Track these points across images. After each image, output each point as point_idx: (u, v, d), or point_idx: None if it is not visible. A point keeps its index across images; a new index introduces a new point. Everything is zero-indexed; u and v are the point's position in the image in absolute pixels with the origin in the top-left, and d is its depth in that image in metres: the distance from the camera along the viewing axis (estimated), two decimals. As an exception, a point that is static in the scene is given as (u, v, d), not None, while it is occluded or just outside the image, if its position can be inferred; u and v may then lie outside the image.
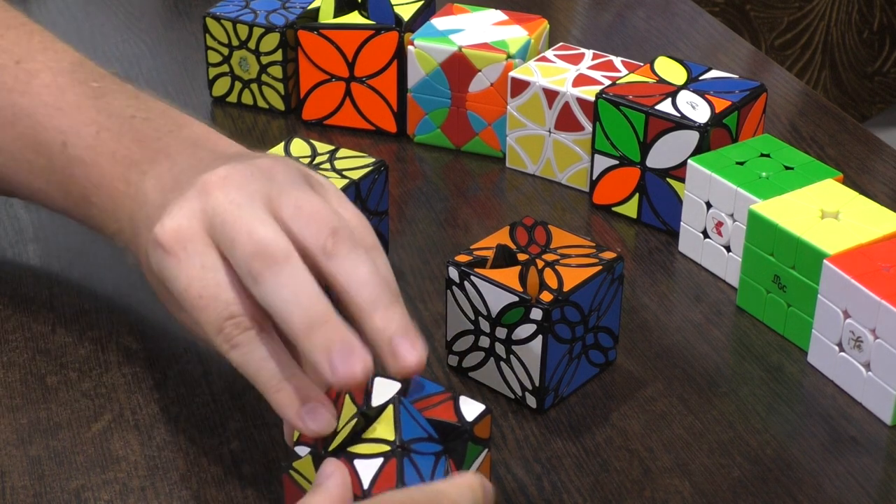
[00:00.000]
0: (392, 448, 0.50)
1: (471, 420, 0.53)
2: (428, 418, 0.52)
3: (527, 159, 0.84)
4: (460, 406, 0.53)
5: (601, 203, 0.81)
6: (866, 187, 0.84)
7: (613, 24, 1.11)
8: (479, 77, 0.84)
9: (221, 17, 0.90)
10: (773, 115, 0.92)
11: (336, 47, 0.87)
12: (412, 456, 0.50)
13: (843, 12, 2.13)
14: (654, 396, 0.65)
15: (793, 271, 0.67)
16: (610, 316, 0.65)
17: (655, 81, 0.79)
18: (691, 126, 0.75)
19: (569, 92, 0.80)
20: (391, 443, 0.50)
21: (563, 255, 0.64)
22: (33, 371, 0.65)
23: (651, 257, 0.77)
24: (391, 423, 0.51)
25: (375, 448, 0.51)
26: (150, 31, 1.05)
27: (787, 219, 0.68)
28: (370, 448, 0.51)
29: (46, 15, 1.08)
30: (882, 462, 0.61)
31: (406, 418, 0.51)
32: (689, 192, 0.75)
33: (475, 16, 0.88)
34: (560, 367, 0.63)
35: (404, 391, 0.53)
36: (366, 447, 0.51)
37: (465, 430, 0.52)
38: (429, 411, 0.53)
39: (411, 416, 0.52)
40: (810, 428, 0.63)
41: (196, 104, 0.93)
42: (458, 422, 0.52)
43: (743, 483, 0.59)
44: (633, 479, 0.59)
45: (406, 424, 0.51)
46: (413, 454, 0.50)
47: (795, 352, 0.68)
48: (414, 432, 0.51)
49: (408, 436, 0.51)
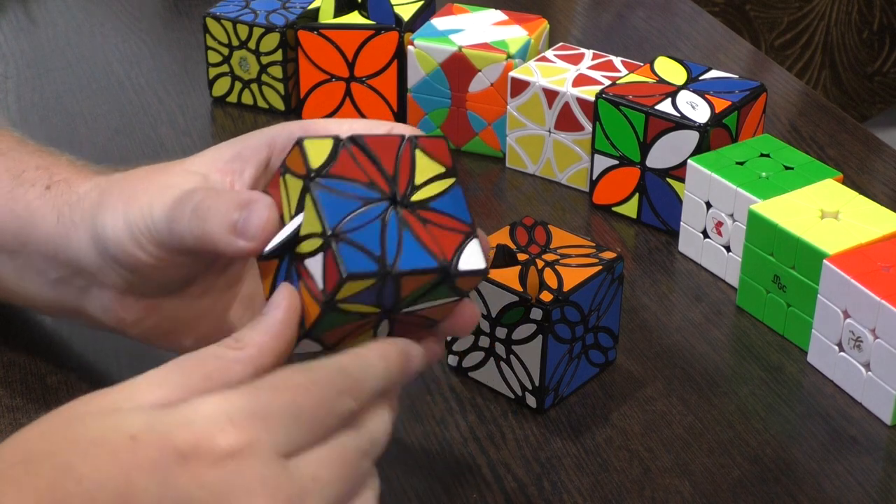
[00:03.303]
0: (323, 239, 0.48)
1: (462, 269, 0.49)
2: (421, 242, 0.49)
3: (527, 159, 0.84)
4: (463, 249, 0.49)
5: (601, 203, 0.81)
6: (866, 187, 0.84)
7: (613, 24, 1.11)
8: (479, 77, 0.84)
9: (221, 17, 0.90)
10: (773, 115, 0.92)
11: (336, 47, 0.87)
12: (349, 237, 0.47)
13: (843, 12, 2.13)
14: (654, 396, 0.65)
15: (793, 271, 0.67)
16: (610, 316, 0.65)
17: (655, 81, 0.79)
18: (691, 126, 0.75)
19: (569, 92, 0.80)
20: (321, 234, 0.48)
21: (563, 255, 0.64)
22: (33, 371, 0.65)
23: (651, 257, 0.77)
24: (314, 213, 0.48)
25: (313, 244, 0.48)
26: (150, 31, 1.05)
27: (787, 219, 0.68)
28: (309, 245, 0.48)
29: (46, 15, 1.08)
30: (882, 462, 0.61)
31: (328, 200, 0.48)
32: (689, 192, 0.75)
33: (475, 16, 0.88)
34: (560, 367, 0.63)
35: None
36: (305, 245, 0.49)
37: (448, 272, 0.49)
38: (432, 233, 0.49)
39: (336, 193, 0.48)
40: (810, 428, 0.63)
41: (196, 104, 0.93)
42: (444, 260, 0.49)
43: (743, 483, 0.59)
44: (633, 479, 0.59)
45: (329, 208, 0.48)
46: (350, 234, 0.47)
47: (795, 352, 0.68)
48: (342, 210, 0.48)
49: (333, 220, 0.47)
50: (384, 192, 0.49)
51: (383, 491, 0.58)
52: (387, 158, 0.50)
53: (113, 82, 0.97)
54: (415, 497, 0.58)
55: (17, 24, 1.06)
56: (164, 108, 0.93)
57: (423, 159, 0.51)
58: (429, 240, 0.49)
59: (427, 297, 0.50)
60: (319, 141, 0.49)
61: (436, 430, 0.62)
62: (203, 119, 0.92)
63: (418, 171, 0.51)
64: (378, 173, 0.50)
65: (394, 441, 0.61)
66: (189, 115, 0.92)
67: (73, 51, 1.02)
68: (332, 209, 0.48)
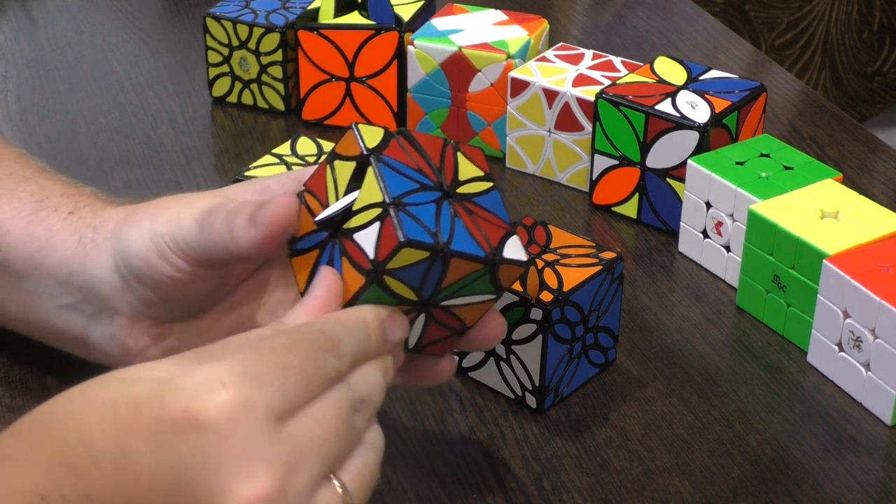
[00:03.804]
0: (383, 208, 0.49)
1: (507, 257, 0.50)
2: (470, 231, 0.50)
3: (527, 159, 0.84)
4: (506, 241, 0.51)
5: (601, 203, 0.81)
6: (866, 187, 0.84)
7: (613, 24, 1.11)
8: (479, 77, 0.84)
9: (221, 17, 0.90)
10: (772, 115, 0.92)
11: (336, 47, 0.87)
12: (408, 209, 0.48)
13: (843, 12, 2.13)
14: (653, 396, 0.65)
15: (792, 271, 0.67)
16: (610, 316, 0.65)
17: (655, 81, 0.79)
18: (691, 126, 0.75)
19: (569, 92, 0.80)
20: (380, 203, 0.49)
21: (563, 255, 0.64)
22: (33, 371, 0.65)
23: (651, 257, 0.77)
24: (375, 185, 0.49)
25: (368, 215, 0.49)
26: (150, 32, 1.05)
27: (787, 219, 0.68)
28: (363, 217, 0.49)
29: (46, 15, 1.08)
30: (882, 462, 0.61)
31: (389, 174, 0.49)
32: (688, 192, 0.75)
33: (475, 16, 0.88)
34: (560, 366, 0.63)
35: None
36: (359, 218, 0.50)
37: (494, 260, 0.50)
38: (478, 224, 0.51)
39: (394, 170, 0.50)
40: (810, 428, 0.63)
41: (196, 104, 0.93)
42: (492, 249, 0.50)
43: (743, 483, 0.59)
44: (633, 478, 0.59)
45: (391, 180, 0.49)
46: (409, 207, 0.48)
47: (795, 351, 0.68)
48: (402, 186, 0.49)
49: (396, 191, 0.49)
50: (434, 181, 0.51)
51: (383, 491, 0.58)
52: (433, 153, 0.52)
53: (113, 82, 0.97)
54: (415, 497, 0.58)
55: (17, 24, 1.06)
56: (164, 108, 0.93)
57: (464, 161, 0.53)
58: (476, 231, 0.50)
59: (466, 290, 0.51)
60: (371, 128, 0.51)
61: (436, 430, 0.62)
62: (203, 119, 0.92)
63: (461, 170, 0.52)
64: (426, 164, 0.51)
65: (394, 441, 0.61)
66: (189, 115, 0.92)
67: (73, 51, 1.02)
68: (393, 182, 0.49)
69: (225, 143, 0.89)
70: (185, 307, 0.57)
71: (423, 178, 0.50)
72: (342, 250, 0.51)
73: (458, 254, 0.49)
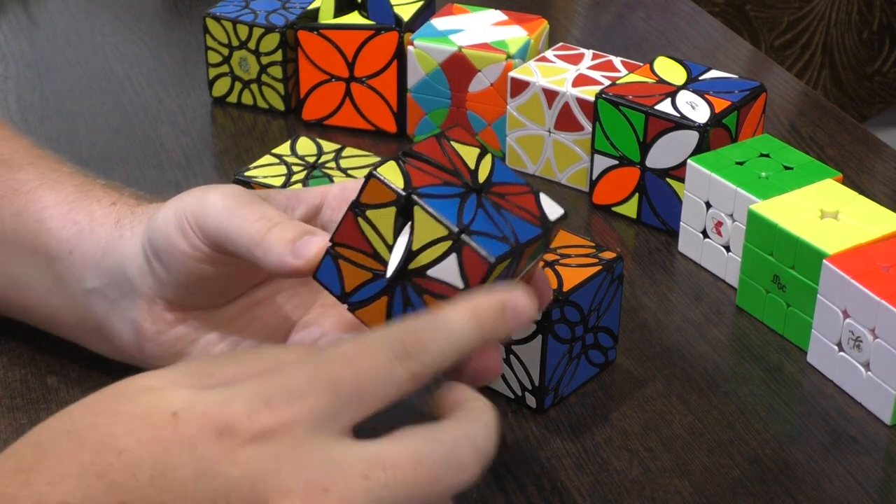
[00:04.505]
0: (453, 240, 0.49)
1: (553, 219, 0.51)
2: (516, 215, 0.51)
3: (526, 159, 0.84)
4: (541, 205, 0.52)
5: (601, 203, 0.81)
6: (866, 187, 0.84)
7: (613, 25, 1.11)
8: (478, 77, 0.84)
9: (221, 18, 0.90)
10: (772, 115, 0.92)
11: (336, 47, 0.87)
12: (471, 228, 0.49)
13: (842, 12, 2.13)
14: (653, 396, 0.65)
15: (792, 271, 0.67)
16: (610, 316, 0.65)
17: (655, 81, 0.79)
18: (691, 126, 0.75)
19: (568, 92, 0.80)
20: (448, 236, 0.49)
21: (563, 255, 0.64)
22: (33, 371, 0.65)
23: (651, 257, 0.77)
24: (430, 221, 0.49)
25: (437, 250, 0.49)
26: (150, 32, 1.05)
27: (787, 219, 0.68)
28: (431, 254, 0.49)
29: (47, 16, 1.08)
30: (882, 462, 0.61)
31: (435, 204, 0.50)
32: (688, 192, 0.75)
33: (475, 16, 0.88)
34: (560, 366, 0.63)
35: None
36: (425, 256, 0.49)
37: (548, 228, 0.51)
38: (514, 203, 0.51)
39: (435, 197, 0.50)
40: (810, 428, 0.63)
41: (196, 104, 0.93)
42: (543, 220, 0.51)
43: (743, 483, 0.59)
44: (632, 478, 0.59)
45: (442, 210, 0.49)
46: (471, 227, 0.49)
47: (795, 351, 0.68)
48: (451, 209, 0.49)
49: (454, 219, 0.49)
50: (461, 185, 0.51)
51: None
52: (442, 158, 0.52)
53: (113, 82, 0.97)
54: (415, 497, 0.58)
55: (17, 24, 1.06)
56: (164, 108, 0.93)
57: (461, 148, 0.53)
58: (518, 211, 0.51)
59: (530, 262, 0.53)
60: (385, 167, 0.51)
61: (436, 430, 0.62)
62: (203, 119, 0.92)
63: (466, 159, 0.53)
64: (443, 172, 0.51)
65: (394, 441, 0.61)
66: (189, 115, 0.92)
67: (73, 51, 1.02)
68: (445, 211, 0.50)
69: (225, 143, 0.89)
70: (202, 293, 0.57)
71: (453, 188, 0.51)
72: (418, 289, 0.50)
73: (526, 243, 0.50)
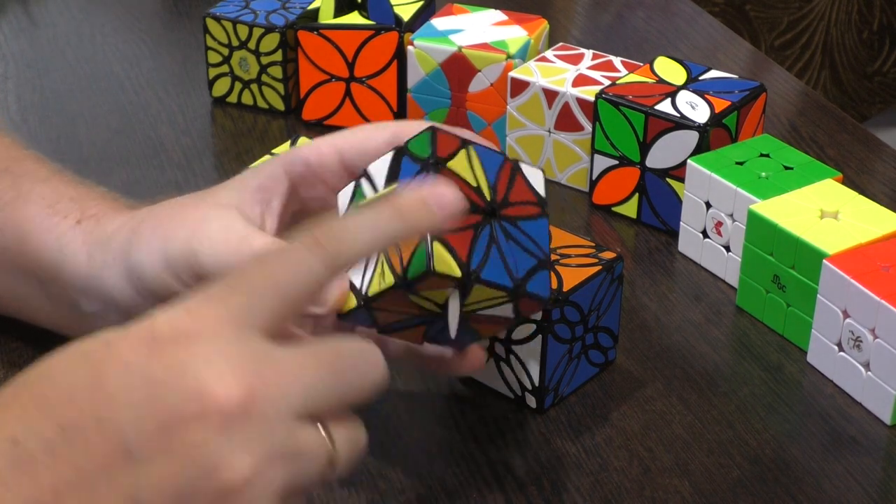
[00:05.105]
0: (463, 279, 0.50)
1: (530, 291, 0.53)
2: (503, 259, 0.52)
3: (527, 159, 0.84)
4: (535, 275, 0.53)
5: (601, 203, 0.81)
6: (866, 187, 0.84)
7: (613, 25, 1.11)
8: (478, 77, 0.84)
9: (221, 18, 0.90)
10: (772, 115, 0.92)
11: (336, 47, 0.87)
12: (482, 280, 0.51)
13: (842, 12, 2.13)
14: (653, 396, 0.65)
15: (792, 271, 0.67)
16: (609, 316, 0.65)
17: (655, 81, 0.79)
18: (691, 126, 0.75)
19: (568, 92, 0.80)
20: (459, 277, 0.50)
21: (563, 255, 0.64)
22: (33, 371, 0.65)
23: (651, 257, 0.77)
24: (450, 261, 0.50)
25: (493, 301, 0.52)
26: (151, 32, 1.05)
27: (787, 219, 0.68)
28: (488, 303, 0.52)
29: (46, 16, 1.08)
30: (882, 462, 0.61)
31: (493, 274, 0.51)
32: (688, 192, 0.75)
33: (475, 16, 0.88)
34: (560, 366, 0.63)
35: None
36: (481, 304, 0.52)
37: (517, 292, 0.52)
38: (513, 250, 0.53)
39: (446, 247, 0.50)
40: (810, 428, 0.63)
41: (196, 104, 0.93)
42: (516, 279, 0.52)
43: (742, 483, 0.59)
44: (632, 478, 0.59)
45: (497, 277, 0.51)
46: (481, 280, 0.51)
47: (795, 351, 0.68)
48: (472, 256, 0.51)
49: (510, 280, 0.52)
50: (486, 201, 0.52)
51: (383, 491, 0.58)
52: (491, 169, 0.53)
53: (113, 82, 0.97)
54: (415, 497, 0.58)
55: (17, 24, 1.06)
56: (164, 108, 0.93)
57: (520, 183, 0.54)
58: (509, 257, 0.52)
59: (489, 310, 0.53)
60: (449, 137, 0.52)
61: (436, 430, 0.62)
62: (203, 119, 0.92)
63: (514, 192, 0.53)
64: (484, 180, 0.52)
65: (394, 441, 0.61)
66: (189, 115, 0.92)
67: (73, 51, 1.02)
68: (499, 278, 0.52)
69: (225, 143, 0.89)
70: None
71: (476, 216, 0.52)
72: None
73: (485, 282, 0.51)
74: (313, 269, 0.45)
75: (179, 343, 0.42)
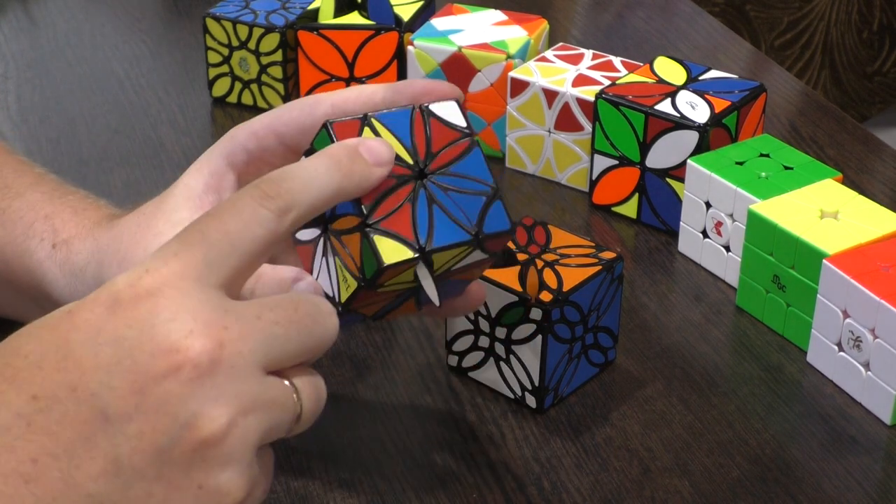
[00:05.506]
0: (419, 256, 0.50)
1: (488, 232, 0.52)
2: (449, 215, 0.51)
3: (526, 159, 0.84)
4: (487, 212, 0.52)
5: (601, 203, 0.81)
6: (866, 187, 0.84)
7: (613, 25, 1.11)
8: (478, 77, 0.84)
9: (221, 18, 0.90)
10: (772, 115, 0.92)
11: (336, 47, 0.87)
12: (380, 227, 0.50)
13: (843, 12, 2.13)
14: (653, 396, 0.65)
15: (792, 271, 0.67)
16: (609, 316, 0.65)
17: (655, 81, 0.79)
18: (691, 126, 0.75)
19: (568, 92, 0.80)
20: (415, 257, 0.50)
21: (563, 255, 0.64)
22: (33, 371, 0.65)
23: (651, 257, 0.77)
24: (398, 246, 0.50)
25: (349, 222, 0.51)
26: (151, 32, 1.05)
27: (787, 219, 0.68)
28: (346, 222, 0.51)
29: (47, 16, 1.08)
30: (882, 462, 0.61)
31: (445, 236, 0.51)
32: (688, 191, 0.75)
33: (475, 16, 0.88)
34: (560, 366, 0.63)
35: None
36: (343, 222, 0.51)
37: (478, 239, 0.51)
38: (456, 201, 0.52)
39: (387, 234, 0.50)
40: (810, 428, 0.63)
41: (196, 104, 0.93)
42: (472, 228, 0.51)
43: (742, 483, 0.59)
44: (632, 478, 0.60)
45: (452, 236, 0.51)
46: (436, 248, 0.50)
47: (795, 351, 0.68)
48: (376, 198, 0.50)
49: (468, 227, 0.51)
50: (409, 165, 0.51)
51: (384, 491, 0.58)
52: (403, 131, 0.52)
53: (113, 82, 0.97)
54: (415, 497, 0.58)
55: (17, 24, 1.06)
56: (164, 108, 0.93)
57: (437, 126, 0.53)
58: (455, 210, 0.51)
59: (461, 262, 0.53)
60: (346, 123, 0.51)
61: (436, 430, 0.62)
62: (203, 119, 0.92)
63: (434, 139, 0.52)
64: (401, 147, 0.52)
65: (394, 441, 0.61)
66: (189, 115, 0.92)
67: (73, 51, 1.02)
68: (454, 236, 0.51)
69: (225, 143, 0.89)
70: None
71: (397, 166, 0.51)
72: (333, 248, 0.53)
73: (439, 249, 0.50)
74: (265, 223, 0.45)
75: (142, 302, 0.42)
